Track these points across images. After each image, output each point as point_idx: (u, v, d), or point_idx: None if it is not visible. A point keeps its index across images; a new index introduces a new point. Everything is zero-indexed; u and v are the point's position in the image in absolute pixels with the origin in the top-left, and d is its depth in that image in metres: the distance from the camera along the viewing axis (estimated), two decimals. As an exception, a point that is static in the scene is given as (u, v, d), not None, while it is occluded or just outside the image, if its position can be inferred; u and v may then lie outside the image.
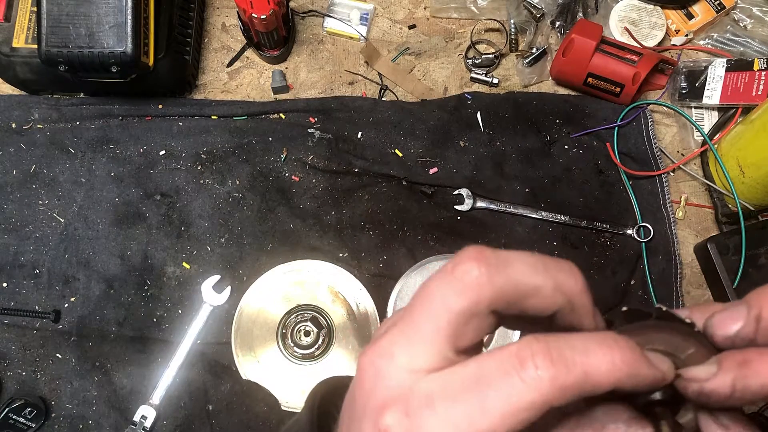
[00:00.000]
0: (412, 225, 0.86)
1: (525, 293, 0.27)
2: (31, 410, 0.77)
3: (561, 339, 0.25)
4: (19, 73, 0.85)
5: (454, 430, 0.25)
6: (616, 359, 0.25)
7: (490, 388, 0.25)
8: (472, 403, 0.25)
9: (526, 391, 0.24)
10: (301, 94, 0.93)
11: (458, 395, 0.25)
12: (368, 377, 0.28)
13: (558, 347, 0.25)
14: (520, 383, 0.24)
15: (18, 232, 0.84)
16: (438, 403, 0.25)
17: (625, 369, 0.25)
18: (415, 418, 0.25)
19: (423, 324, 0.27)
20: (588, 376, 0.25)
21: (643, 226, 0.87)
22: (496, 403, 0.24)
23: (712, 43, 0.95)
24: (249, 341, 0.80)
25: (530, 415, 0.24)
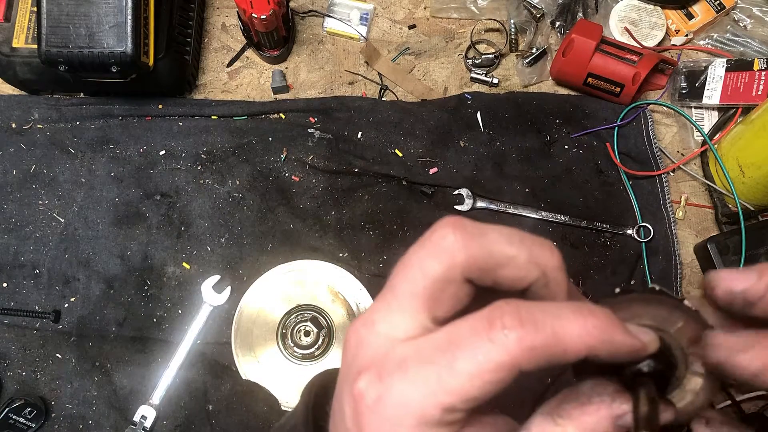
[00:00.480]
0: (412, 225, 0.86)
1: (498, 262, 0.27)
2: (31, 410, 0.77)
3: (534, 303, 0.25)
4: (19, 73, 0.85)
5: (424, 391, 0.25)
6: (589, 325, 0.25)
7: (459, 349, 0.25)
8: (442, 364, 0.25)
9: (494, 352, 0.24)
10: (301, 94, 0.93)
11: (429, 358, 0.25)
12: (351, 346, 0.28)
13: (529, 309, 0.25)
14: (488, 344, 0.24)
15: (18, 232, 0.84)
16: (410, 366, 0.25)
17: (598, 335, 0.25)
18: (387, 381, 0.26)
19: (401, 291, 0.27)
20: (558, 338, 0.24)
21: (643, 226, 0.87)
22: (464, 364, 0.24)
23: (712, 43, 0.95)
24: (249, 341, 0.80)
25: (499, 377, 0.24)
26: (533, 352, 0.24)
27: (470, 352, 0.25)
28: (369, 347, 0.27)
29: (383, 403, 0.25)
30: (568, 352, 0.25)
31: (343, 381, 0.28)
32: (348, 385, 0.27)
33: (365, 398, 0.26)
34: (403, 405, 0.25)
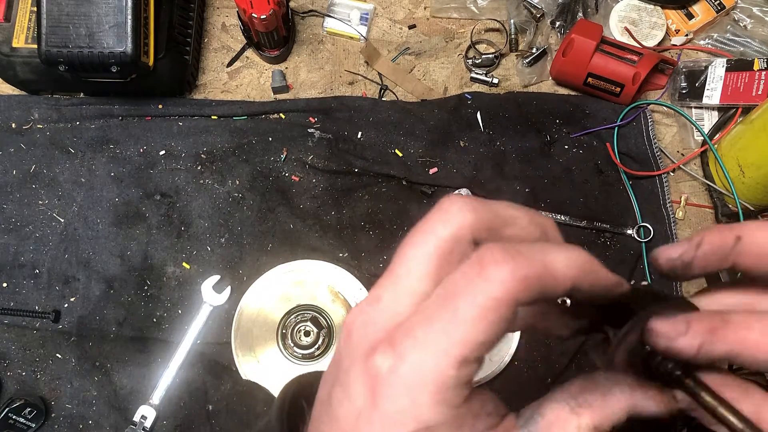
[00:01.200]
0: (412, 225, 0.85)
1: (505, 221, 0.28)
2: (31, 410, 0.77)
3: (519, 243, 0.27)
4: (19, 73, 0.85)
5: (435, 351, 0.25)
6: (574, 256, 0.26)
7: (457, 297, 0.25)
8: (445, 319, 0.25)
9: (490, 289, 0.25)
10: (301, 94, 0.93)
11: (433, 317, 0.25)
12: (357, 327, 0.28)
13: (516, 246, 0.26)
14: (483, 283, 0.25)
15: (18, 232, 0.84)
16: (416, 330, 0.25)
17: (582, 265, 0.26)
18: (399, 352, 0.25)
19: (410, 257, 0.28)
20: (547, 268, 0.25)
21: (643, 226, 0.87)
22: (466, 310, 0.25)
23: (712, 43, 0.95)
24: (249, 341, 0.80)
25: (501, 314, 0.25)
26: (527, 281, 0.25)
27: (468, 297, 0.25)
28: (378, 323, 0.27)
29: (399, 374, 0.25)
30: (558, 283, 0.26)
31: (349, 365, 0.27)
32: (359, 365, 0.26)
33: (380, 374, 0.25)
34: (419, 372, 0.25)
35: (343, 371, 0.28)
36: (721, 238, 0.30)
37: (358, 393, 0.26)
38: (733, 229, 0.30)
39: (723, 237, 0.30)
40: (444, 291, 0.26)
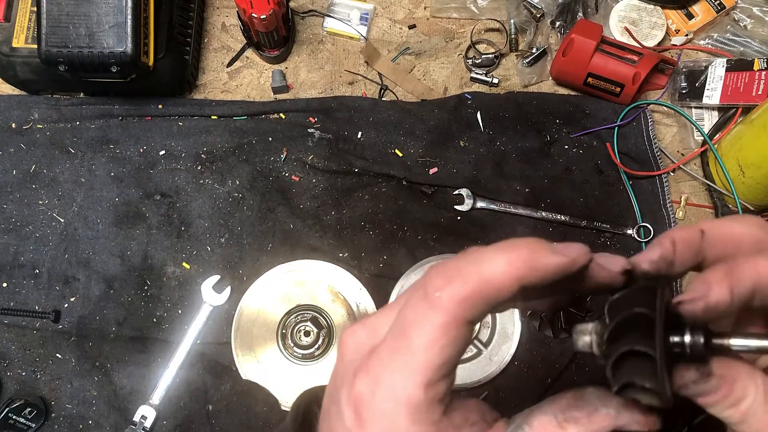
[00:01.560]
0: (412, 225, 0.86)
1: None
2: (31, 410, 0.77)
3: (460, 256, 0.28)
4: (19, 73, 0.85)
5: (402, 378, 0.27)
6: (513, 258, 0.27)
7: (410, 328, 0.27)
8: (403, 348, 0.27)
9: (435, 317, 0.26)
10: (301, 94, 0.93)
11: (394, 346, 0.27)
12: (348, 350, 0.30)
13: (455, 264, 0.27)
14: (429, 311, 0.27)
15: (18, 232, 0.84)
16: (384, 358, 0.28)
17: (523, 264, 0.27)
18: (373, 377, 0.28)
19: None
20: (486, 281, 0.26)
21: (643, 226, 0.87)
22: (418, 339, 0.27)
23: (712, 43, 0.95)
24: (249, 341, 0.80)
25: (451, 336, 0.27)
26: (468, 301, 0.26)
27: (418, 326, 0.27)
28: (363, 348, 0.29)
29: (377, 398, 0.27)
30: (502, 290, 0.27)
31: (341, 384, 0.29)
32: (346, 388, 0.28)
33: (363, 398, 0.27)
34: (393, 397, 0.27)
35: (336, 390, 0.30)
36: (689, 233, 0.31)
37: (347, 414, 0.28)
38: (694, 226, 0.32)
39: (690, 233, 0.31)
40: (398, 321, 0.28)
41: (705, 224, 0.32)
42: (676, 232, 0.32)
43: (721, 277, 0.29)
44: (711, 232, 0.32)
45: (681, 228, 0.32)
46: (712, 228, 0.32)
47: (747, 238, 0.32)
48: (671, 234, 0.32)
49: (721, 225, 0.32)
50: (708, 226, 0.32)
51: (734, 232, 0.32)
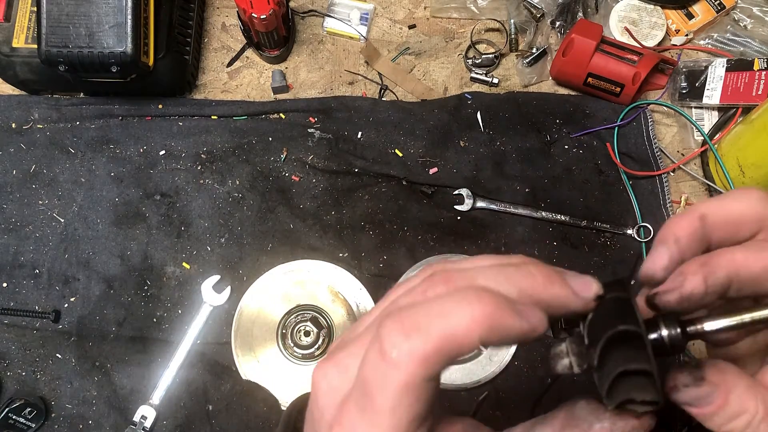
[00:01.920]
0: (412, 225, 0.86)
1: None
2: (31, 410, 0.77)
3: (419, 306, 0.26)
4: (19, 73, 0.85)
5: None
6: (477, 314, 0.25)
7: (372, 390, 0.25)
8: (369, 410, 0.25)
9: (396, 377, 0.25)
10: (301, 94, 0.93)
11: (362, 402, 0.26)
12: (323, 393, 0.28)
13: (413, 317, 0.25)
14: (389, 371, 0.25)
15: (18, 232, 0.84)
16: (354, 414, 0.26)
17: (486, 323, 0.25)
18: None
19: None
20: (448, 338, 0.25)
21: (643, 226, 0.87)
22: (382, 401, 0.25)
23: (712, 43, 0.95)
24: (249, 341, 0.80)
25: (415, 395, 0.25)
26: (430, 360, 0.25)
27: (379, 388, 0.25)
28: (339, 393, 0.28)
29: None
30: (464, 347, 0.25)
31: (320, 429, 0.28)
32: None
33: None
34: None
35: None
36: (690, 223, 0.31)
37: None
38: (691, 212, 0.31)
39: (691, 222, 0.31)
40: (361, 380, 0.26)
41: (703, 206, 0.32)
42: (676, 225, 0.31)
43: (696, 268, 0.29)
44: (711, 216, 0.31)
45: (680, 217, 0.31)
46: (712, 211, 0.31)
47: (748, 215, 0.31)
48: (672, 229, 0.31)
49: (720, 206, 0.31)
50: (707, 209, 0.31)
51: (734, 212, 0.31)
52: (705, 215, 0.31)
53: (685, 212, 0.32)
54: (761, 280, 0.29)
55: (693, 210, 0.32)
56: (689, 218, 0.31)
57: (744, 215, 0.31)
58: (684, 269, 0.30)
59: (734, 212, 0.31)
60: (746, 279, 0.29)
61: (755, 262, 0.29)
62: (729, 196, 0.32)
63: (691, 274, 0.29)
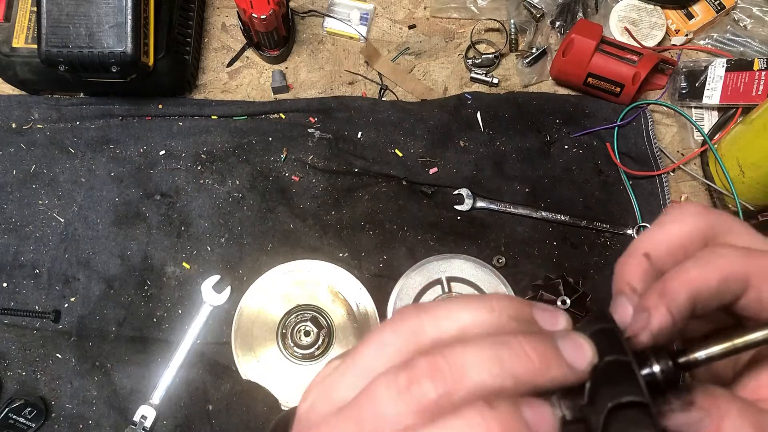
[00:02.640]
0: (412, 225, 0.86)
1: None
2: (31, 410, 0.77)
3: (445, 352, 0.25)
4: (19, 72, 0.85)
5: None
6: None
7: None
8: None
9: None
10: (301, 94, 0.93)
11: None
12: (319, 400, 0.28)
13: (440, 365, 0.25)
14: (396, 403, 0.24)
15: (18, 232, 0.84)
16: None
17: None
18: None
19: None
20: None
21: (643, 226, 0.87)
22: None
23: (712, 43, 0.95)
24: (249, 341, 0.80)
25: None
26: None
27: None
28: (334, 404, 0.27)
29: None
30: None
31: None
32: None
33: None
34: None
35: None
36: (638, 266, 0.31)
37: None
38: (635, 252, 0.31)
39: (638, 265, 0.31)
40: None
41: (644, 242, 0.31)
42: (626, 272, 0.31)
43: (656, 300, 0.29)
44: (655, 251, 0.31)
45: (626, 261, 0.31)
46: (654, 246, 0.31)
47: (689, 237, 0.31)
48: (624, 277, 0.31)
49: (661, 237, 0.31)
50: (649, 245, 0.31)
51: (674, 239, 0.31)
52: (649, 253, 0.31)
53: (629, 253, 0.31)
54: (721, 292, 0.29)
55: (635, 249, 0.31)
56: (636, 261, 0.31)
57: (685, 238, 0.31)
58: (645, 304, 0.29)
59: (675, 239, 0.31)
60: (707, 295, 0.29)
61: (712, 275, 0.29)
62: (666, 221, 0.31)
63: (654, 307, 0.28)
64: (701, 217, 0.31)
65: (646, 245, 0.31)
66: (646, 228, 0.86)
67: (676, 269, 0.29)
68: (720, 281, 0.29)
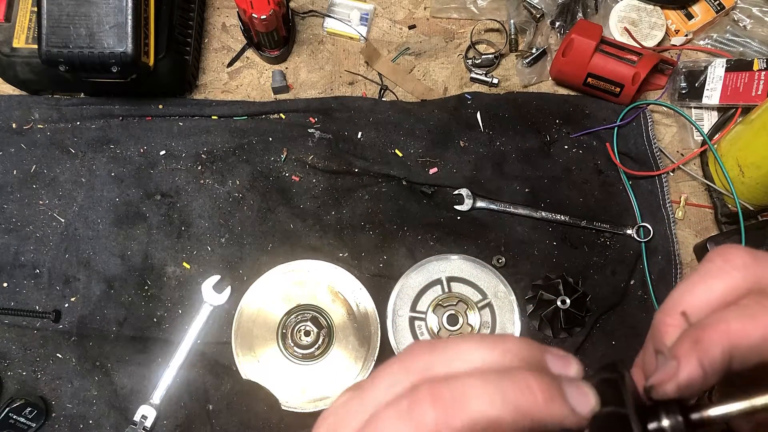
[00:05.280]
0: (412, 225, 0.86)
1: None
2: (31, 410, 0.77)
3: None
4: (19, 73, 0.85)
5: None
6: None
7: None
8: None
9: None
10: (301, 94, 0.93)
11: None
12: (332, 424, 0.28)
13: None
14: None
15: (18, 232, 0.84)
16: None
17: None
18: None
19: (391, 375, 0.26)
20: None
21: (643, 226, 0.87)
22: None
23: (712, 43, 0.95)
24: (249, 341, 0.80)
25: None
26: None
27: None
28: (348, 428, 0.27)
29: None
30: None
31: None
32: None
33: None
34: None
35: None
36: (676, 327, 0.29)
37: None
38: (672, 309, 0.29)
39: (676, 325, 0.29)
40: None
41: (684, 294, 0.29)
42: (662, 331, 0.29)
43: (689, 349, 0.26)
44: (694, 310, 0.28)
45: (663, 318, 0.29)
46: (694, 302, 0.28)
47: (736, 294, 0.28)
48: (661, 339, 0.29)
49: (702, 292, 0.28)
50: (689, 300, 0.29)
51: (718, 297, 0.28)
52: (686, 312, 0.29)
53: (667, 310, 0.29)
54: (763, 349, 0.26)
55: (674, 305, 0.29)
56: (674, 322, 0.29)
57: (729, 296, 0.28)
58: (676, 351, 0.27)
59: (718, 298, 0.28)
60: (746, 351, 0.26)
61: (754, 330, 0.26)
62: (709, 273, 0.29)
63: (685, 356, 0.26)
64: (749, 270, 0.28)
65: (686, 302, 0.29)
66: (645, 228, 0.86)
67: (716, 317, 0.27)
68: (764, 338, 0.26)
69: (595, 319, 0.82)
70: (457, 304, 0.81)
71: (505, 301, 0.82)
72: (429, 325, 0.81)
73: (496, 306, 0.81)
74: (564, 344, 0.82)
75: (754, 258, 0.29)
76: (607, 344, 0.83)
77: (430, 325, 0.81)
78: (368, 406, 0.26)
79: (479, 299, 0.81)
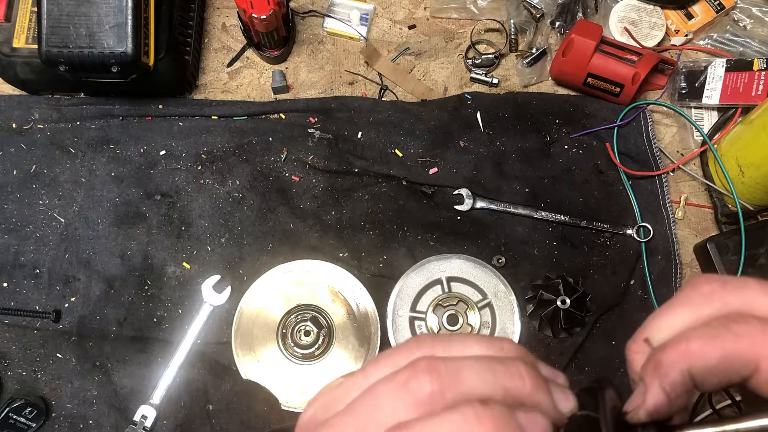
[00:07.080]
0: (412, 225, 0.86)
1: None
2: (31, 410, 0.77)
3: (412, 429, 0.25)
4: (19, 73, 0.85)
5: None
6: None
7: None
8: None
9: None
10: (301, 94, 0.93)
11: None
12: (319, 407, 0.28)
13: None
14: None
15: (18, 232, 0.84)
16: None
17: None
18: None
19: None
20: None
21: (643, 226, 0.87)
22: None
23: (712, 43, 0.95)
24: (249, 341, 0.80)
25: None
26: None
27: None
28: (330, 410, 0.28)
29: None
30: None
31: None
32: None
33: None
34: None
35: None
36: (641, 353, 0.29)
37: None
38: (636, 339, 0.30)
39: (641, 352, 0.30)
40: None
41: (649, 323, 0.30)
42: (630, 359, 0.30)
43: (652, 373, 0.27)
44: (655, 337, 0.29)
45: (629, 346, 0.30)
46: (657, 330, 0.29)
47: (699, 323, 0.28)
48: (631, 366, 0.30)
49: (666, 320, 0.29)
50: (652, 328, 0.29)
51: (679, 326, 0.29)
52: (649, 339, 0.29)
53: (634, 338, 0.30)
54: (723, 371, 0.26)
55: (639, 333, 0.30)
56: (638, 348, 0.30)
57: (693, 322, 0.28)
58: (643, 375, 0.28)
59: (679, 326, 0.29)
60: (705, 372, 0.27)
61: (712, 351, 0.26)
62: (676, 303, 0.29)
63: (649, 383, 0.27)
64: (715, 296, 0.28)
65: (651, 328, 0.29)
66: (645, 228, 0.87)
67: (677, 338, 0.27)
68: (721, 359, 0.26)
69: (595, 319, 0.83)
70: (457, 304, 0.81)
71: (505, 301, 0.82)
72: (429, 325, 0.81)
73: (496, 306, 0.81)
74: (564, 344, 0.82)
75: (722, 285, 0.29)
76: (607, 344, 0.83)
77: (430, 325, 0.81)
78: (368, 383, 0.27)
79: (479, 299, 0.81)
